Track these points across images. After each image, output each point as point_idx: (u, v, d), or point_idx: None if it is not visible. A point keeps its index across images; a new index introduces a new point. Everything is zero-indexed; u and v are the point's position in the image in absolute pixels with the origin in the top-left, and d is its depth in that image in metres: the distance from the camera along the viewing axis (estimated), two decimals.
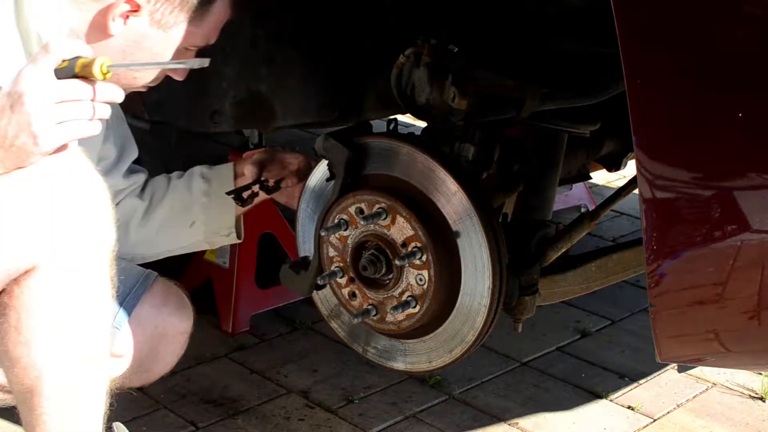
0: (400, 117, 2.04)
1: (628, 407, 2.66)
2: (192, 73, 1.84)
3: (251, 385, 2.71)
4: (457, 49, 1.81)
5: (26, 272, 1.52)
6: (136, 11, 1.67)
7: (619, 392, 2.73)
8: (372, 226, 1.77)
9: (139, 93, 1.88)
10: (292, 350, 2.90)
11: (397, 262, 1.75)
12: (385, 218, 1.76)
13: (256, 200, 2.14)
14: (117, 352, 1.94)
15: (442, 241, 1.74)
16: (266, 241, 2.98)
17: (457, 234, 1.74)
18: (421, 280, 1.76)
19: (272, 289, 3.01)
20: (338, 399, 2.65)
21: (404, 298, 1.78)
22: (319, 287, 1.90)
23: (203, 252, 2.90)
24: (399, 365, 1.90)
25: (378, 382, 2.71)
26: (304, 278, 1.90)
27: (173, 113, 2.19)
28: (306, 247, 1.95)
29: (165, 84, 1.85)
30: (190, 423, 2.52)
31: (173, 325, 2.10)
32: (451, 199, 1.73)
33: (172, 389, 2.65)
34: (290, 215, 1.99)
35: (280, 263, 1.98)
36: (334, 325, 1.96)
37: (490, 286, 1.73)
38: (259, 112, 2.16)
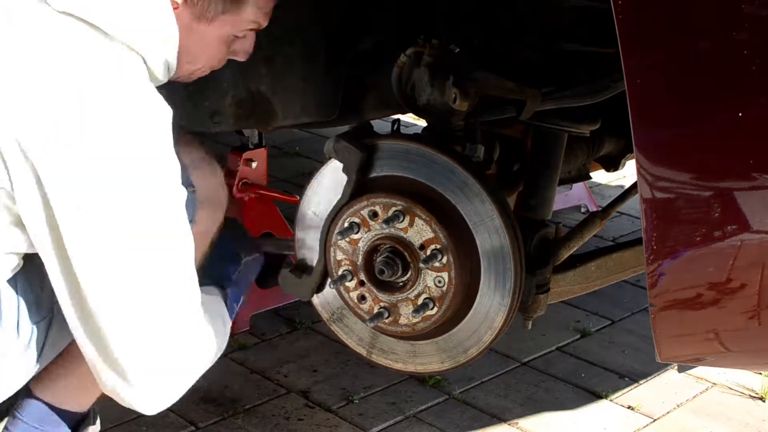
0: (401, 117, 2.03)
1: (628, 407, 2.66)
2: None
3: (251, 385, 2.71)
4: (458, 50, 1.81)
5: None
6: (176, 8, 1.68)
7: (619, 392, 2.73)
8: (388, 228, 1.76)
9: None
10: (292, 350, 2.90)
11: (421, 265, 1.74)
12: (402, 220, 1.75)
13: None
14: None
15: (462, 243, 1.74)
16: None
17: (477, 235, 1.74)
18: (440, 282, 1.75)
19: (272, 289, 3.01)
20: (338, 399, 2.65)
21: (421, 300, 1.77)
22: (320, 290, 1.90)
23: None
24: (409, 367, 1.90)
25: (378, 382, 2.71)
26: (307, 282, 1.89)
27: (173, 113, 2.19)
28: (306, 250, 1.93)
29: (164, 84, 1.85)
30: (190, 423, 2.52)
31: None
32: (473, 200, 1.72)
33: None
34: (290, 215, 1.98)
35: (280, 263, 1.97)
36: (335, 328, 1.95)
37: (512, 287, 1.73)
38: (259, 112, 2.15)
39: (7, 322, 1.64)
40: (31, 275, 1.64)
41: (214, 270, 1.86)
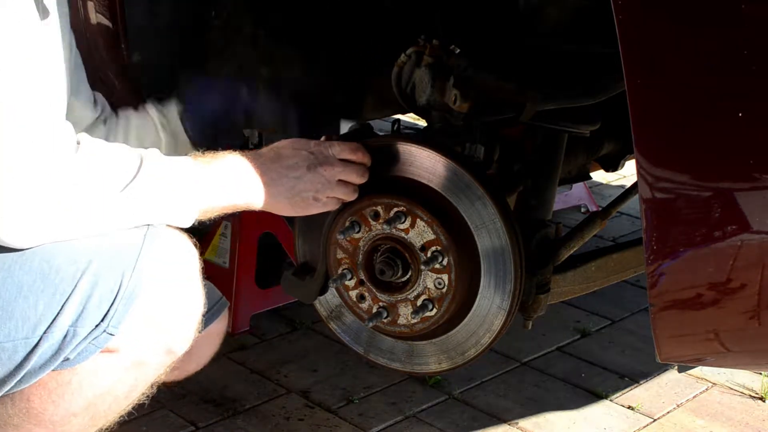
0: (401, 117, 2.03)
1: (628, 407, 2.66)
2: None
3: (251, 385, 2.71)
4: (459, 50, 1.81)
5: None
6: None
7: (619, 392, 2.73)
8: (390, 229, 1.76)
9: (139, 93, 1.88)
10: (292, 350, 2.90)
11: (421, 266, 1.75)
12: (404, 221, 1.75)
13: None
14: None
15: (463, 245, 1.74)
16: (266, 241, 2.98)
17: (478, 237, 1.74)
18: (440, 283, 1.75)
19: (272, 289, 3.01)
20: (338, 399, 2.65)
21: (420, 301, 1.77)
22: (323, 293, 1.89)
23: (202, 251, 2.90)
24: (406, 367, 1.90)
25: (378, 382, 2.71)
26: (310, 284, 1.89)
27: None
28: (308, 252, 1.93)
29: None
30: (190, 423, 2.52)
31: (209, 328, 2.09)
32: (475, 202, 1.72)
33: (172, 389, 2.65)
34: None
35: (280, 263, 1.97)
36: (333, 326, 1.95)
37: (512, 290, 1.73)
38: None
39: None
40: None
41: None
